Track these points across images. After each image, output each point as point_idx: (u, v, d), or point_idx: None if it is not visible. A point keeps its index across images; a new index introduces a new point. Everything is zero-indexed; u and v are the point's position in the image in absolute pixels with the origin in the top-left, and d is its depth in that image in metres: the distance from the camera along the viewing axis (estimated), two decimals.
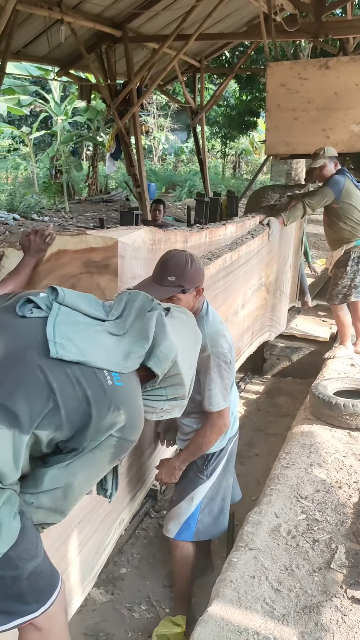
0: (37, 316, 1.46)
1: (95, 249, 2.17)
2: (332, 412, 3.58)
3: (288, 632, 2.03)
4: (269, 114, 6.14)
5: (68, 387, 1.38)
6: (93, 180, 13.93)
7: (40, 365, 1.37)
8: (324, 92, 5.86)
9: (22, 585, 1.35)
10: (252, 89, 16.83)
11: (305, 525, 2.63)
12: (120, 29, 9.05)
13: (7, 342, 1.39)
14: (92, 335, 1.47)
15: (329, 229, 4.79)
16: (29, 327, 1.44)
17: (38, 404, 1.34)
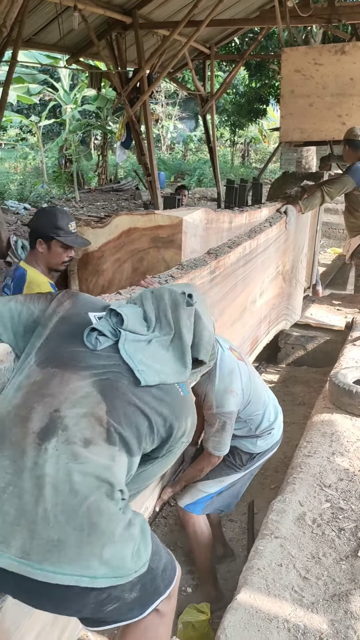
0: (107, 346, 1.49)
1: (162, 227, 2.45)
2: (353, 400, 3.56)
3: (318, 620, 2.03)
4: (284, 101, 6.08)
5: (155, 409, 1.43)
6: (103, 169, 13.87)
7: (133, 393, 1.42)
8: (339, 77, 5.79)
9: (157, 582, 1.41)
10: (262, 76, 16.66)
11: (330, 514, 2.63)
12: (131, 15, 8.97)
13: (96, 379, 1.41)
14: (155, 352, 1.51)
15: (350, 215, 4.74)
16: (105, 357, 1.46)
17: (141, 430, 1.40)
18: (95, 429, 1.32)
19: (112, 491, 1.28)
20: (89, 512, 1.23)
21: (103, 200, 11.44)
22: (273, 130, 21.49)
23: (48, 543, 1.19)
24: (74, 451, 1.27)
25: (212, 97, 12.20)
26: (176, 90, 21.40)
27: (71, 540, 1.20)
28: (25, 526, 1.20)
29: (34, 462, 1.25)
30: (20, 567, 1.18)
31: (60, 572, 1.18)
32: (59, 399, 1.35)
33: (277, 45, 15.33)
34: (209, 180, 16.85)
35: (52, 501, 1.22)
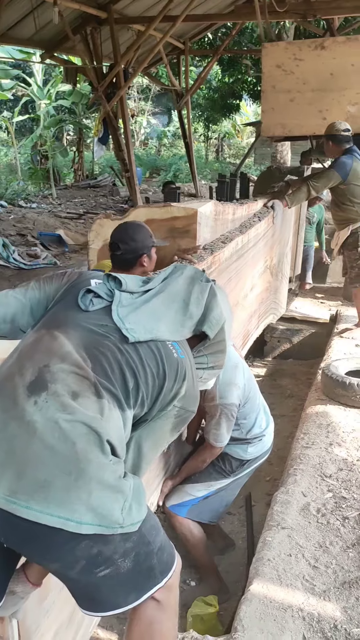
0: (100, 307, 1.57)
1: (178, 218, 2.63)
2: (346, 392, 3.62)
3: (331, 608, 2.07)
4: (265, 96, 6.10)
5: (145, 366, 1.48)
6: (79, 165, 13.75)
7: (121, 349, 1.47)
8: (319, 73, 5.84)
9: (153, 560, 1.39)
10: (234, 71, 16.70)
11: (334, 503, 2.67)
12: (106, 10, 8.90)
13: (84, 336, 1.48)
14: (154, 308, 1.58)
15: (337, 209, 4.80)
16: (96, 318, 1.54)
17: (130, 386, 1.44)
18: (83, 382, 1.37)
19: (101, 442, 1.31)
20: (77, 457, 1.26)
21: (80, 196, 11.34)
22: (246, 125, 21.59)
23: (35, 483, 1.22)
24: (62, 402, 1.32)
25: (187, 92, 12.19)
26: (148, 85, 21.33)
27: (58, 483, 1.23)
28: (13, 467, 1.24)
29: (23, 411, 1.30)
30: (7, 504, 1.21)
31: (46, 512, 1.20)
32: (48, 355, 1.41)
33: (250, 40, 15.40)
34: (185, 175, 16.84)
35: (41, 445, 1.26)
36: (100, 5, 8.86)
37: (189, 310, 1.64)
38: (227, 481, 2.75)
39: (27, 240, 7.77)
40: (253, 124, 20.58)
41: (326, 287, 7.39)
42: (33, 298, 1.68)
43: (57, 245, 7.69)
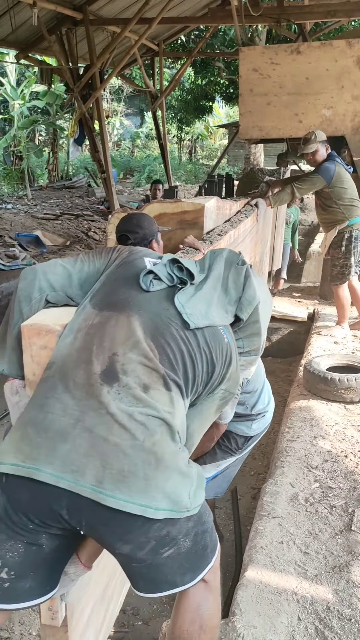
0: (159, 289, 1.59)
1: (187, 212, 2.95)
2: (328, 387, 3.74)
3: (323, 591, 2.16)
4: (242, 99, 6.21)
5: (202, 352, 1.52)
6: (53, 166, 13.70)
7: (182, 337, 1.50)
8: (295, 77, 5.98)
9: (206, 538, 1.45)
10: (207, 73, 16.85)
11: (321, 493, 2.77)
12: (81, 11, 8.91)
13: (149, 323, 1.50)
14: (205, 295, 1.62)
15: (322, 211, 4.93)
16: (157, 301, 1.56)
17: (189, 375, 1.48)
18: (152, 374, 1.41)
19: (173, 433, 1.38)
20: (154, 448, 1.33)
21: (56, 197, 11.30)
22: (219, 127, 21.78)
23: (119, 474, 1.28)
24: (135, 395, 1.37)
25: (162, 94, 12.26)
26: (121, 86, 21.34)
27: (140, 473, 1.29)
28: (97, 458, 1.30)
29: (99, 402, 1.35)
30: (94, 494, 1.27)
31: (129, 501, 1.27)
32: (116, 342, 1.44)
33: (223, 43, 15.56)
34: (160, 176, 16.91)
35: (121, 437, 1.31)
36: (76, 7, 8.87)
37: (229, 295, 1.68)
38: (233, 458, 2.78)
39: (4, 241, 7.74)
40: (226, 125, 20.77)
41: (302, 287, 7.55)
42: (82, 270, 1.69)
43: (35, 246, 7.68)
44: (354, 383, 3.69)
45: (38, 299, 1.61)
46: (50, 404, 1.37)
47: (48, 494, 1.30)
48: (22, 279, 1.64)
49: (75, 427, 1.33)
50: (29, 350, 1.53)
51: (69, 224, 8.94)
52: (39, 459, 1.30)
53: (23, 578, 1.37)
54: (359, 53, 5.79)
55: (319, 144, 4.82)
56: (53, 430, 1.33)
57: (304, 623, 2.02)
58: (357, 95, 5.89)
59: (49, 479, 1.29)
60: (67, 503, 1.30)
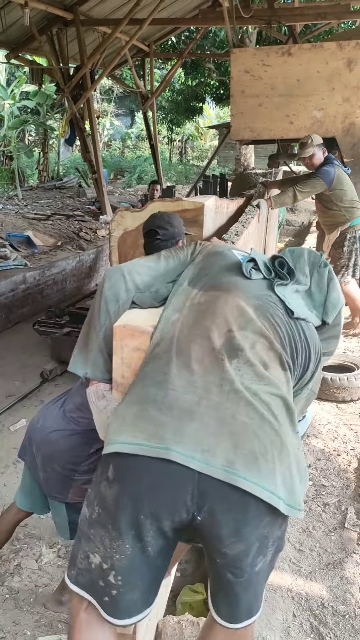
0: (259, 278, 1.57)
1: (188, 210, 3.03)
2: (321, 386, 3.75)
3: (317, 587, 2.18)
4: (234, 100, 6.24)
5: (303, 343, 1.50)
6: (44, 166, 13.65)
7: (289, 323, 1.49)
8: (286, 78, 6.01)
9: (277, 557, 1.37)
10: (198, 74, 16.89)
11: (314, 491, 2.80)
12: (72, 11, 8.91)
13: (258, 304, 1.48)
14: (297, 295, 1.62)
15: (324, 213, 4.98)
16: (259, 288, 1.54)
17: (296, 360, 1.46)
18: (270, 353, 1.37)
19: (293, 417, 1.31)
20: (280, 431, 1.25)
21: (47, 197, 11.26)
22: (210, 127, 21.81)
23: (250, 454, 1.20)
24: (257, 372, 1.31)
25: (152, 95, 12.28)
26: (111, 86, 21.32)
27: (269, 455, 1.21)
28: (227, 437, 1.21)
29: (222, 378, 1.28)
30: (227, 475, 1.18)
31: (259, 485, 1.18)
32: (229, 319, 1.40)
33: (213, 44, 15.59)
34: (150, 177, 16.90)
35: (248, 415, 1.24)
36: (67, 7, 8.87)
37: (314, 299, 1.66)
38: None
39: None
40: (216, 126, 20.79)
41: None
42: (167, 267, 1.68)
43: (26, 246, 7.64)
44: (346, 382, 3.72)
45: (125, 299, 1.58)
46: (170, 380, 1.29)
47: (176, 476, 1.20)
48: (108, 279, 1.60)
49: (200, 405, 1.25)
50: (119, 352, 1.49)
51: (60, 224, 8.91)
52: (166, 437, 1.20)
53: (130, 587, 1.27)
54: (349, 55, 5.84)
55: (316, 147, 4.86)
56: (177, 407, 1.24)
57: (299, 619, 2.04)
58: (348, 97, 5.94)
59: (179, 458, 1.18)
60: (194, 486, 1.20)
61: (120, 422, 1.27)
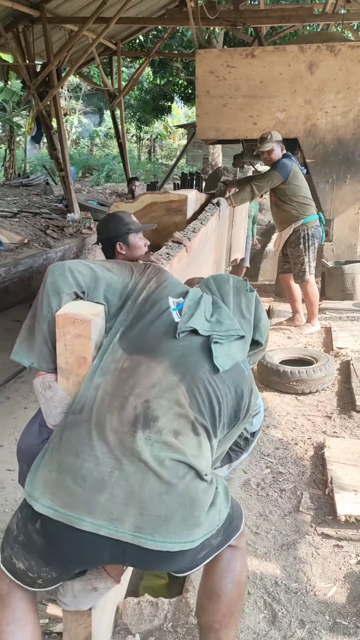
0: (187, 331, 1.61)
1: (173, 201, 3.65)
2: (280, 379, 3.89)
3: (272, 567, 2.29)
4: (199, 100, 6.34)
5: (227, 393, 1.56)
6: (10, 163, 13.54)
7: (210, 381, 1.54)
8: (250, 80, 6.15)
9: (234, 521, 1.63)
10: (166, 73, 16.96)
11: (271, 478, 2.91)
12: (38, 9, 8.88)
13: (179, 368, 1.53)
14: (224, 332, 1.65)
15: (277, 209, 5.08)
16: (184, 346, 1.58)
17: (216, 416, 1.53)
18: (182, 420, 1.46)
19: (200, 474, 1.45)
20: (187, 491, 1.41)
21: (13, 195, 11.17)
22: (178, 127, 21.93)
23: (157, 519, 1.36)
24: (166, 441, 1.42)
25: (120, 93, 12.29)
26: (79, 84, 21.21)
27: (177, 516, 1.38)
28: (135, 505, 1.36)
29: (132, 450, 1.40)
30: (134, 539, 1.35)
31: (169, 541, 1.37)
32: (147, 389, 1.48)
33: (181, 44, 15.68)
34: (119, 175, 16.92)
35: (155, 483, 1.38)
36: (33, 4, 8.83)
37: (246, 324, 1.71)
38: (244, 456, 2.87)
39: None
40: (184, 125, 20.93)
41: (259, 284, 7.75)
42: (110, 278, 1.67)
43: None
44: (305, 375, 3.86)
45: (67, 293, 1.63)
46: (86, 451, 1.41)
47: (88, 541, 1.37)
48: (50, 274, 1.64)
49: (111, 476, 1.38)
50: (62, 339, 1.56)
51: (26, 221, 8.88)
52: (79, 507, 1.35)
53: (56, 582, 1.53)
54: (310, 58, 6.00)
55: (275, 143, 4.96)
56: (90, 479, 1.37)
57: (253, 597, 2.14)
58: (309, 99, 6.11)
59: (89, 527, 1.34)
60: (109, 549, 1.39)
61: (40, 482, 1.42)
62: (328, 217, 6.31)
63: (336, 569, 2.28)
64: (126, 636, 2.02)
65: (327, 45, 5.96)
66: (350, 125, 6.10)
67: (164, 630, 2.04)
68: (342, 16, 8.75)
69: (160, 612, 2.10)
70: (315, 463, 3.03)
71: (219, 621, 1.64)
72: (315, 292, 5.20)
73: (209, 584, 1.64)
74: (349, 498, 2.58)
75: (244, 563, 1.68)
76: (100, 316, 1.62)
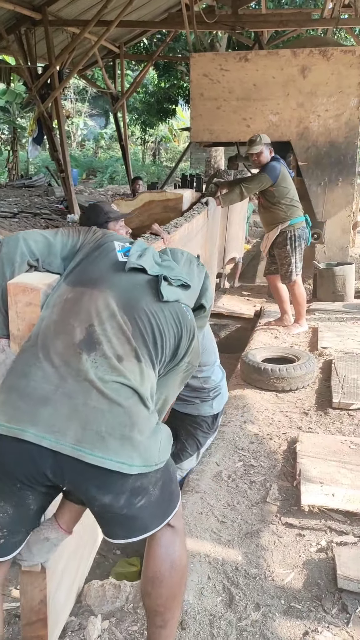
0: (130, 267, 1.71)
1: (170, 199, 3.99)
2: (261, 376, 3.96)
3: (234, 554, 2.36)
4: (193, 103, 6.44)
5: (169, 326, 1.65)
6: (13, 164, 13.68)
7: (152, 311, 1.63)
8: (243, 83, 6.24)
9: (172, 487, 1.63)
10: (170, 77, 17.07)
11: (243, 470, 2.98)
12: (40, 12, 9.01)
13: (122, 298, 1.62)
14: (172, 276, 1.77)
15: (265, 210, 5.15)
16: (128, 279, 1.68)
17: (158, 347, 1.61)
18: (125, 347, 1.55)
19: (144, 400, 1.53)
20: (129, 412, 1.48)
21: (15, 196, 11.32)
22: (183, 130, 22.02)
23: (97, 434, 1.43)
24: (110, 364, 1.51)
25: (123, 96, 12.41)
26: (85, 86, 21.38)
27: (116, 433, 1.44)
28: (77, 420, 1.43)
29: (77, 370, 1.48)
30: (74, 452, 1.41)
31: (107, 458, 1.42)
32: (92, 314, 1.57)
33: (184, 47, 15.80)
34: (122, 177, 17.03)
35: (98, 402, 1.46)
36: (35, 7, 8.97)
37: (193, 286, 1.85)
38: (211, 438, 2.93)
39: None
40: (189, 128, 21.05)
41: (253, 286, 7.82)
42: (62, 242, 1.80)
43: None
44: (285, 373, 3.92)
45: (20, 262, 1.72)
46: (32, 371, 1.49)
47: (33, 452, 1.42)
48: (5, 245, 1.75)
49: (55, 393, 1.45)
50: (14, 307, 1.66)
51: (26, 222, 9.02)
52: (23, 420, 1.43)
53: (15, 534, 1.53)
54: (303, 62, 6.08)
55: (264, 146, 5.02)
56: (35, 395, 1.46)
57: (213, 581, 2.22)
58: (302, 103, 6.19)
59: (32, 438, 1.41)
60: (51, 462, 1.43)
61: None
62: (320, 219, 6.39)
63: (296, 556, 2.35)
64: (89, 617, 2.10)
65: (320, 49, 6.03)
66: (342, 129, 6.17)
67: (125, 611, 2.11)
68: (340, 21, 8.81)
69: (122, 594, 2.18)
70: (287, 457, 3.10)
71: (162, 604, 1.68)
72: (303, 292, 5.27)
73: (149, 570, 1.67)
74: (314, 489, 2.65)
75: (183, 547, 1.72)
76: (51, 285, 1.71)
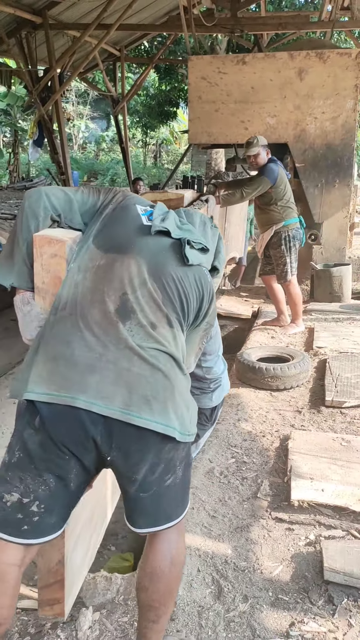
0: (156, 231, 1.77)
1: (172, 199, 4.00)
2: (256, 375, 4.00)
3: (224, 547, 2.41)
4: (191, 105, 6.49)
5: (193, 289, 1.72)
6: (14, 167, 13.76)
7: (178, 275, 1.70)
8: (241, 86, 6.29)
9: (190, 472, 1.71)
10: (171, 79, 17.15)
11: (235, 467, 3.03)
12: (41, 15, 9.08)
13: (151, 265, 1.68)
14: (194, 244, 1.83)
15: (260, 211, 5.21)
16: (155, 243, 1.74)
17: (185, 310, 1.69)
18: (157, 314, 1.62)
19: (179, 365, 1.62)
20: (169, 376, 1.57)
21: (15, 198, 11.40)
22: (184, 132, 22.09)
23: (143, 397, 1.51)
24: (146, 332, 1.58)
25: (123, 99, 12.48)
26: (87, 89, 21.48)
27: (160, 397, 1.53)
28: (123, 386, 1.51)
29: (117, 338, 1.55)
30: (123, 415, 1.49)
31: (153, 420, 1.51)
32: (124, 282, 1.63)
33: (185, 50, 15.89)
34: (122, 180, 17.10)
35: (141, 366, 1.54)
36: (36, 11, 9.04)
37: (210, 249, 1.91)
38: (209, 431, 2.98)
39: None
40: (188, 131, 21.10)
41: (251, 287, 7.86)
42: (82, 200, 1.84)
43: None
44: (279, 372, 3.97)
45: (43, 216, 1.76)
46: (75, 340, 1.55)
47: (83, 418, 1.48)
48: (28, 198, 1.78)
49: (100, 360, 1.52)
50: (39, 259, 1.71)
51: None
52: (73, 388, 1.49)
53: (50, 512, 1.54)
54: (300, 65, 6.13)
55: (261, 147, 5.08)
56: (81, 364, 1.52)
57: (202, 574, 2.26)
58: (299, 105, 6.23)
59: (83, 404, 1.47)
60: (101, 428, 1.49)
61: (34, 374, 1.54)
62: (317, 220, 6.43)
63: (285, 550, 2.39)
64: (80, 608, 2.14)
65: (316, 52, 6.08)
66: (339, 131, 6.21)
67: (116, 603, 2.15)
68: (338, 23, 8.86)
69: (114, 586, 2.22)
70: (280, 454, 3.14)
71: (158, 600, 1.71)
72: (298, 292, 5.31)
73: (149, 564, 1.69)
74: (304, 485, 2.69)
75: (183, 543, 1.76)
76: (75, 240, 1.76)
